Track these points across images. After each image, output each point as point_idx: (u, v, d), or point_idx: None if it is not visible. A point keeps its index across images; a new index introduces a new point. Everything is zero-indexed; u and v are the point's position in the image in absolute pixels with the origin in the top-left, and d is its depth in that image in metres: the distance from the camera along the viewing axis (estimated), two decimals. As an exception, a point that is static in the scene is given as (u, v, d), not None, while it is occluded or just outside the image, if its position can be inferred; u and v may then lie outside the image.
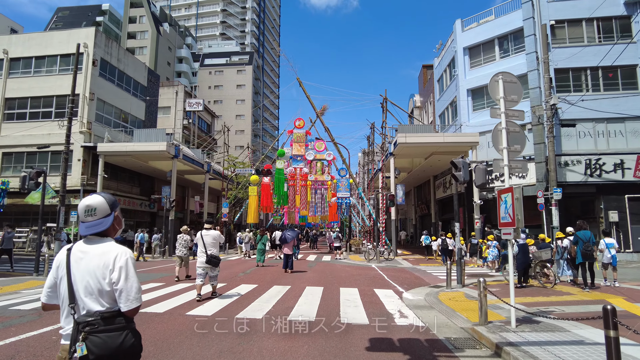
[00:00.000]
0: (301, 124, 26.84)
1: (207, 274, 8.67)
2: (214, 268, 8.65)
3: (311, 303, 8.00)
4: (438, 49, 29.67)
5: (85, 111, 24.40)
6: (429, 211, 31.12)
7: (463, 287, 10.88)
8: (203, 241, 8.55)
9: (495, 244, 15.61)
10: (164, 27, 68.46)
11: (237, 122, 68.91)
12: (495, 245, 15.55)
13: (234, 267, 16.29)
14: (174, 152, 23.85)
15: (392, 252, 20.61)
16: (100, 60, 25.75)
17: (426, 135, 21.40)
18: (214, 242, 8.68)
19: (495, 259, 15.36)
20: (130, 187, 28.42)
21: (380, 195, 24.58)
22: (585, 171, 20.06)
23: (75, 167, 23.93)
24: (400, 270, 15.73)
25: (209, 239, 8.60)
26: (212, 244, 8.61)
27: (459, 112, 25.14)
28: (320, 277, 12.69)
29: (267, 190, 27.58)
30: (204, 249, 8.52)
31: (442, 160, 24.08)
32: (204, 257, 8.49)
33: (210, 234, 8.69)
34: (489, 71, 23.64)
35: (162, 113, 39.22)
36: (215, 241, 8.72)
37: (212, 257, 8.44)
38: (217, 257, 8.60)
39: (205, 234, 8.63)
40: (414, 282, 12.21)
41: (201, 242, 8.58)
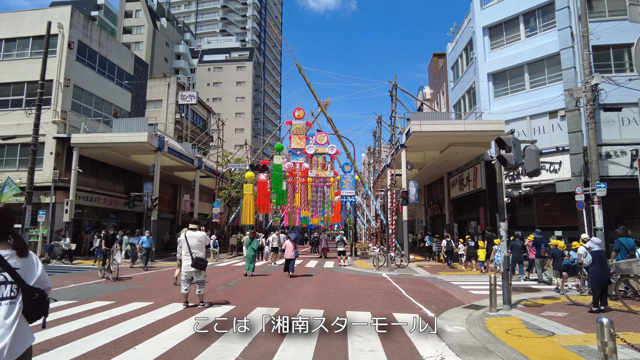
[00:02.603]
0: (301, 115, 24.11)
1: (193, 279, 7.93)
2: (199, 272, 7.92)
3: (303, 346, 5.25)
4: (452, 32, 26.90)
5: (59, 99, 21.80)
6: (442, 211, 28.28)
7: (511, 307, 8.10)
8: (187, 243, 7.82)
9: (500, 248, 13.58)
10: (161, 22, 66.08)
11: (237, 120, 66.37)
12: (500, 250, 13.29)
13: (217, 277, 13.55)
14: (157, 144, 21.18)
15: (404, 257, 17.84)
16: (78, 43, 23.17)
17: (444, 123, 18.65)
18: (200, 244, 7.95)
19: (499, 264, 13.68)
20: (113, 185, 25.78)
21: (390, 193, 21.80)
22: (632, 164, 17.18)
23: (47, 161, 21.33)
24: (418, 281, 12.93)
25: (194, 241, 7.89)
26: (198, 246, 7.91)
27: (478, 99, 22.34)
28: (320, 293, 9.93)
29: (264, 189, 24.87)
30: (188, 251, 7.80)
31: (460, 154, 21.31)
32: (189, 261, 7.78)
33: (196, 235, 7.97)
34: (513, 52, 20.91)
35: (154, 106, 36.64)
36: (201, 243, 7.99)
37: (197, 259, 7.76)
38: (204, 260, 7.91)
39: (190, 235, 7.90)
40: (442, 299, 9.42)
41: (185, 244, 7.83)
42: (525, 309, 8.14)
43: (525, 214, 20.42)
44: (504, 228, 8.46)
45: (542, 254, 12.57)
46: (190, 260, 7.74)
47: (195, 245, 7.83)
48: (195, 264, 7.71)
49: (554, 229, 18.90)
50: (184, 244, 7.84)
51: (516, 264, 13.92)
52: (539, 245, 12.81)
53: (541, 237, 13.61)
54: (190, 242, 7.80)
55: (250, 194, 25.25)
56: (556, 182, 18.30)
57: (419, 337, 5.62)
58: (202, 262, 7.80)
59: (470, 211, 24.38)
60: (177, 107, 36.40)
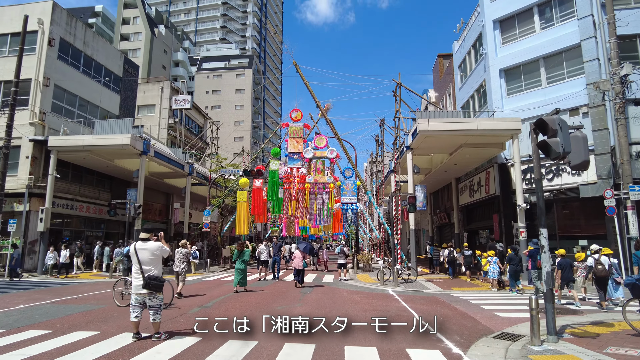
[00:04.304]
0: (298, 116, 22.41)
1: (146, 304, 6.08)
2: (153, 294, 6.09)
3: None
4: (459, 29, 25.35)
5: (37, 99, 20.24)
6: (450, 220, 26.40)
7: (558, 339, 6.26)
8: (137, 257, 6.06)
9: (496, 260, 13.68)
10: (159, 29, 65.17)
11: (236, 128, 64.91)
12: (496, 262, 13.60)
13: (199, 294, 11.72)
14: (141, 147, 19.52)
15: (411, 271, 15.96)
16: (61, 41, 21.71)
17: (455, 121, 16.91)
18: (154, 259, 6.16)
19: (495, 277, 13.45)
20: (97, 192, 24.06)
21: (394, 200, 20.00)
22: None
23: (23, 166, 19.68)
24: (431, 300, 11.07)
25: (146, 255, 6.11)
26: (151, 261, 6.12)
27: (489, 97, 20.66)
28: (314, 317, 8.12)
29: (259, 196, 23.09)
30: (139, 268, 6.02)
31: (470, 156, 19.55)
32: (139, 280, 6.00)
33: (148, 247, 6.17)
34: (527, 46, 19.31)
35: (147, 111, 35.16)
36: (155, 257, 6.19)
37: (150, 279, 5.98)
38: (159, 279, 6.11)
39: (140, 248, 6.13)
40: (465, 325, 7.59)
41: (135, 258, 6.07)
42: (577, 340, 6.30)
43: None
44: (545, 236, 6.66)
45: (538, 266, 11.39)
46: (141, 279, 5.99)
47: (148, 260, 6.12)
48: (148, 284, 5.97)
49: (577, 238, 17.04)
50: (134, 258, 6.09)
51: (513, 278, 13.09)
52: (535, 256, 11.55)
53: (537, 248, 12.22)
54: (140, 257, 6.09)
55: (244, 201, 23.49)
56: (580, 185, 16.49)
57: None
58: (157, 281, 6.07)
59: (482, 219, 22.52)
60: (170, 112, 34.88)
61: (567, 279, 10.28)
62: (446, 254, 17.89)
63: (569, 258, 11.40)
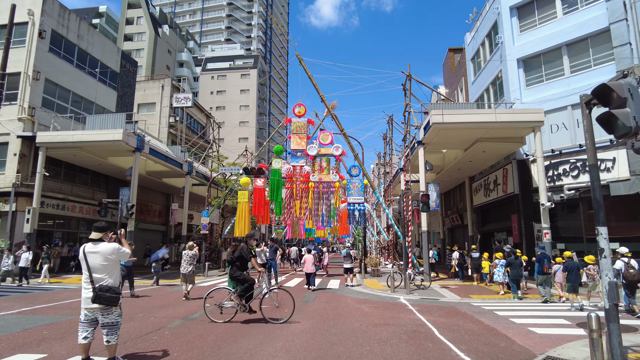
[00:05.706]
0: (301, 111, 21.15)
1: (98, 321, 4.74)
2: (108, 309, 4.71)
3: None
4: (472, 19, 23.95)
5: (26, 93, 19.21)
6: (463, 221, 24.91)
7: (624, 369, 4.86)
8: (87, 264, 4.70)
9: (502, 262, 12.95)
10: (164, 29, 64.53)
11: (241, 128, 63.86)
12: (502, 265, 12.91)
13: (187, 303, 10.43)
14: (135, 143, 18.38)
15: (425, 276, 14.54)
16: (52, 33, 20.70)
17: (471, 112, 15.51)
18: (108, 265, 4.77)
19: (501, 280, 12.94)
20: (92, 192, 22.97)
21: (404, 200, 18.59)
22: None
23: (11, 164, 18.62)
24: (450, 311, 9.66)
25: (98, 260, 4.73)
26: (104, 267, 4.75)
27: (506, 89, 19.21)
28: (312, 336, 6.79)
29: (261, 196, 21.80)
30: (88, 276, 4.68)
31: (487, 152, 18.12)
32: (89, 292, 4.64)
33: (100, 250, 4.77)
34: (548, 32, 17.89)
35: (147, 110, 34.17)
36: (110, 262, 4.80)
37: (102, 290, 4.60)
38: (114, 291, 4.67)
39: (89, 251, 4.76)
40: (498, 346, 6.19)
41: (84, 264, 4.72)
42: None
43: (569, 223, 17.05)
44: (605, 236, 5.25)
45: (546, 271, 11.16)
46: (91, 290, 4.65)
47: (100, 267, 4.73)
48: (98, 296, 4.56)
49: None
50: (83, 264, 4.77)
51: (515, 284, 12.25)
52: (542, 261, 11.25)
53: (544, 252, 11.89)
54: (90, 262, 4.72)
55: (245, 202, 22.26)
56: (610, 182, 14.97)
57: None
58: (112, 293, 4.65)
59: (499, 220, 21.03)
60: (171, 110, 33.84)
61: (573, 282, 10.00)
62: (455, 256, 17.50)
63: (576, 261, 10.83)
